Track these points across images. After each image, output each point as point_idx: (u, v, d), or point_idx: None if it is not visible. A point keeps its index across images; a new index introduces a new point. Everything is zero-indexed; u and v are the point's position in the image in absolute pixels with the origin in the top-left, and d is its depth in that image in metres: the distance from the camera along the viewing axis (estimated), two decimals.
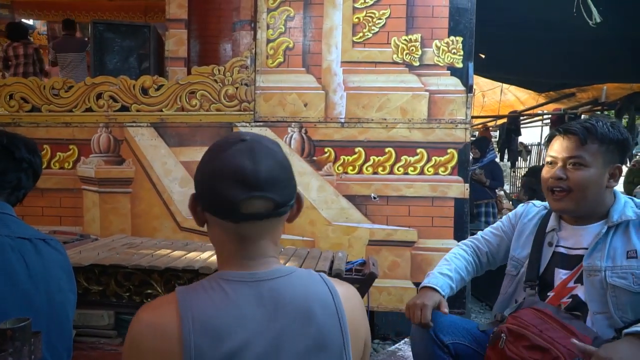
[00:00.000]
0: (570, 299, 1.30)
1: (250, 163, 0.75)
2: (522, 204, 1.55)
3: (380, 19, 2.88)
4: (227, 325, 0.72)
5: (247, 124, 2.94)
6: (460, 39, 2.84)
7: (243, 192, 0.74)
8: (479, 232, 1.62)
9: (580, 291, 1.28)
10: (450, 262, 1.50)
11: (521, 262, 1.42)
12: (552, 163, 1.34)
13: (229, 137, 0.81)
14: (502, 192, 6.09)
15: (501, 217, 1.84)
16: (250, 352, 0.72)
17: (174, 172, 3.00)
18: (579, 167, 1.28)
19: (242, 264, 0.79)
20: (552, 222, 1.40)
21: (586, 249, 1.30)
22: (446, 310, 1.34)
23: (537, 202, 1.52)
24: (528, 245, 1.42)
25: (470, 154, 4.89)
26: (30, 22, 7.16)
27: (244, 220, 0.76)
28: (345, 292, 0.83)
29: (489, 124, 9.49)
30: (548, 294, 1.34)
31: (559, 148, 1.32)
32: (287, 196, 0.79)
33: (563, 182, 1.29)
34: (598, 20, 2.65)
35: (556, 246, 1.36)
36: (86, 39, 5.90)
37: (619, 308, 1.22)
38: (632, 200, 1.35)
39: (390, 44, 2.87)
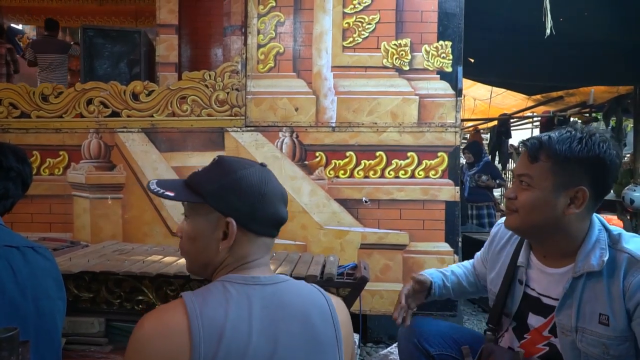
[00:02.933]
0: (547, 347, 1.18)
1: (280, 186, 0.89)
2: (497, 223, 1.40)
3: (370, 23, 2.90)
4: (233, 322, 0.76)
5: (239, 129, 2.95)
6: (449, 43, 2.87)
7: (285, 210, 0.90)
8: (475, 256, 1.51)
9: (557, 342, 1.16)
10: (447, 268, 1.48)
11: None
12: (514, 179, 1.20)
13: (250, 165, 0.89)
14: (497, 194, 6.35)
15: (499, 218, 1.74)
16: (253, 349, 0.76)
17: (165, 177, 2.99)
18: (526, 187, 1.11)
19: (244, 270, 0.85)
20: (522, 257, 1.24)
21: (557, 299, 1.14)
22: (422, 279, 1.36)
23: None
24: (500, 278, 1.29)
25: (464, 159, 5.04)
26: (20, 27, 7.11)
27: (277, 233, 0.90)
28: (337, 303, 0.90)
29: (480, 127, 9.58)
30: (525, 335, 1.23)
31: (517, 163, 1.18)
32: None
33: (512, 202, 1.15)
34: (549, 32, 2.75)
35: (526, 286, 1.22)
36: (72, 42, 5.85)
37: None
38: (607, 232, 1.12)
39: (380, 48, 2.90)
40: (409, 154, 2.90)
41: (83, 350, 1.79)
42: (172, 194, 0.86)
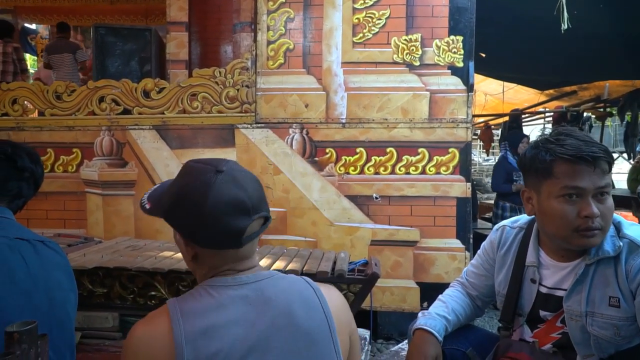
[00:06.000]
0: (561, 335, 1.21)
1: (241, 192, 0.80)
2: (496, 228, 1.38)
3: (380, 19, 2.88)
4: (216, 326, 0.77)
5: (249, 126, 2.95)
6: (460, 38, 2.84)
7: (246, 220, 0.80)
8: (464, 273, 1.45)
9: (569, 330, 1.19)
10: (447, 304, 1.35)
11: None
12: (574, 196, 1.09)
13: (200, 172, 0.82)
14: None
15: None
16: (241, 346, 0.77)
17: (176, 173, 3.01)
18: (607, 198, 1.10)
19: (224, 274, 0.84)
20: (531, 257, 1.24)
21: (566, 290, 1.17)
22: None
23: (510, 223, 1.35)
24: (507, 279, 1.30)
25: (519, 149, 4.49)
26: (33, 26, 7.21)
27: (246, 243, 0.82)
28: (327, 292, 0.89)
29: (491, 122, 9.49)
30: (538, 325, 1.25)
31: (587, 176, 1.07)
32: (268, 208, 0.86)
33: (594, 220, 1.08)
34: (566, 27, 2.69)
35: (540, 285, 1.23)
36: (82, 41, 6.01)
37: (603, 351, 1.13)
38: (612, 222, 1.16)
39: (390, 44, 2.88)
40: (419, 150, 2.88)
41: (97, 344, 1.82)
42: (148, 207, 0.89)
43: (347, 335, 0.90)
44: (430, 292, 2.82)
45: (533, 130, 10.76)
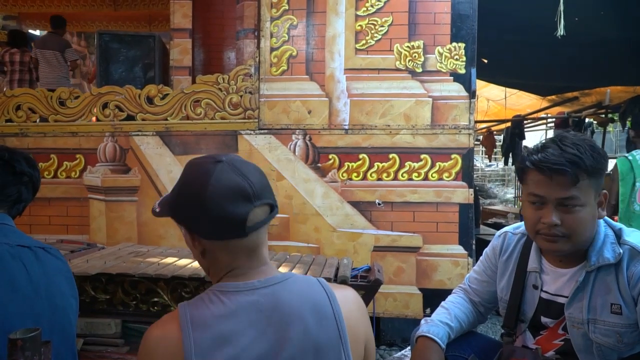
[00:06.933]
0: (563, 342, 1.22)
1: (241, 178, 0.79)
2: (498, 234, 1.40)
3: (382, 26, 2.90)
4: (225, 335, 0.76)
5: (252, 132, 2.96)
6: (462, 45, 2.85)
7: (247, 206, 0.78)
8: (466, 279, 1.47)
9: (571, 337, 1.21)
10: (449, 310, 1.36)
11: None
12: (537, 203, 1.13)
13: (200, 165, 0.83)
14: None
15: None
16: (250, 355, 0.76)
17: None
18: (572, 208, 1.09)
19: (237, 276, 0.82)
20: (533, 262, 1.26)
21: (567, 297, 1.18)
22: None
23: (512, 229, 1.37)
24: (510, 285, 1.31)
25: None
26: (37, 32, 7.26)
27: (251, 232, 0.80)
28: (342, 295, 0.86)
29: (493, 128, 9.49)
30: (541, 332, 1.26)
31: (545, 186, 1.10)
32: (274, 197, 0.84)
33: (556, 228, 1.11)
34: (562, 33, 2.70)
35: (541, 290, 1.24)
36: (85, 47, 5.97)
37: (605, 358, 1.15)
38: (612, 228, 1.18)
39: (393, 50, 2.89)
40: (422, 156, 2.88)
41: (100, 351, 1.82)
42: (158, 210, 0.88)
43: (362, 344, 0.87)
44: (433, 298, 2.81)
45: (541, 136, 10.76)
